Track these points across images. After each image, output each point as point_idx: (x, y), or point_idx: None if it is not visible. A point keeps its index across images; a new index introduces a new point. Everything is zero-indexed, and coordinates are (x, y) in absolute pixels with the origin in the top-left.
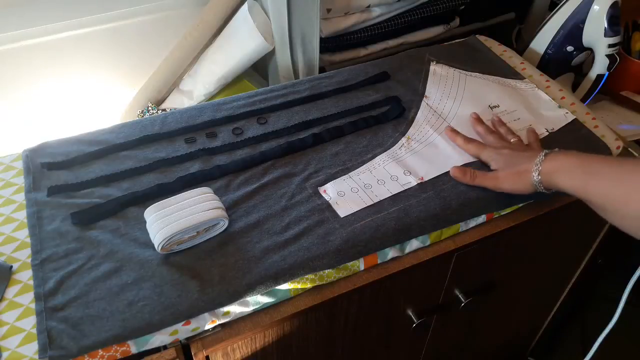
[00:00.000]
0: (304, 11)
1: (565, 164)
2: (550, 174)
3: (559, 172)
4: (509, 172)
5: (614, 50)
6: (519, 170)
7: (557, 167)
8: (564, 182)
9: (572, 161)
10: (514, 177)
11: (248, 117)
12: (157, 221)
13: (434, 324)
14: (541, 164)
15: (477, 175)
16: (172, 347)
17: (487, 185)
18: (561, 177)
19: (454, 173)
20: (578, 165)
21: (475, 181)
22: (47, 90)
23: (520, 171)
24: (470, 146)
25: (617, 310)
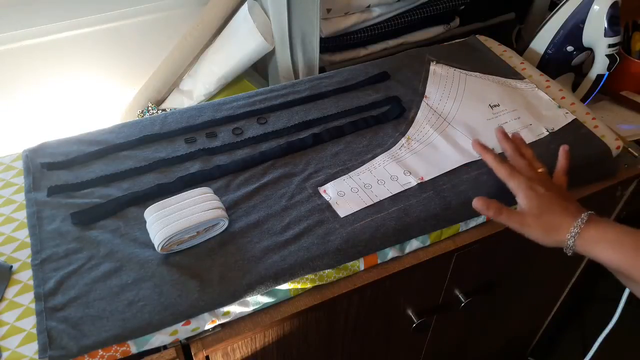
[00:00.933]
0: (304, 11)
1: (611, 235)
2: (589, 242)
3: (602, 243)
4: (540, 221)
5: (614, 50)
6: (552, 225)
7: (600, 237)
8: (605, 254)
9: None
10: (545, 228)
11: (248, 117)
12: (157, 221)
13: (434, 324)
14: (581, 229)
15: (502, 211)
16: (172, 347)
17: (511, 225)
18: (604, 249)
19: (477, 204)
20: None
21: (499, 218)
22: (47, 90)
23: (554, 226)
24: (502, 168)
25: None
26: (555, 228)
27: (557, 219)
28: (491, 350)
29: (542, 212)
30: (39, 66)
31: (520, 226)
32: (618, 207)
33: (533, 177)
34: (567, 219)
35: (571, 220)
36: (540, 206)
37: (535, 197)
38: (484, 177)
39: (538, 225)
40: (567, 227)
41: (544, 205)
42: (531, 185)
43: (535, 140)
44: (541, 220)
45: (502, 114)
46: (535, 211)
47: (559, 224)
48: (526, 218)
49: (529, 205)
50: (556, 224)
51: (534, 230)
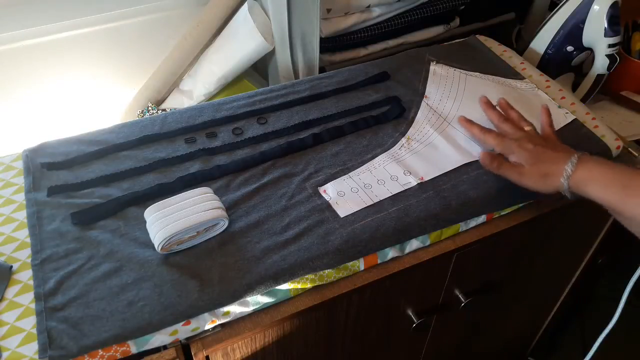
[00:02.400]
0: (304, 11)
1: (599, 174)
2: (582, 182)
3: (592, 182)
4: (535, 170)
5: (614, 50)
6: (546, 172)
7: (590, 176)
8: (596, 193)
9: (606, 171)
10: (540, 177)
11: (248, 117)
12: (157, 221)
13: (433, 324)
14: (572, 171)
15: (503, 165)
16: (172, 347)
17: (510, 177)
18: (595, 187)
19: (483, 158)
20: (614, 177)
21: (500, 170)
22: (47, 90)
23: (547, 173)
24: (488, 137)
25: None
26: (550, 174)
27: (550, 166)
28: (491, 350)
29: (535, 163)
30: (39, 66)
31: (519, 178)
32: None
33: (520, 137)
34: (559, 165)
35: (563, 165)
36: (532, 158)
37: (525, 153)
38: (484, 177)
39: (534, 175)
40: (560, 172)
41: (536, 156)
42: (520, 144)
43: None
44: (537, 171)
45: None
46: (529, 162)
47: (552, 170)
48: (523, 170)
49: (522, 160)
50: (550, 171)
51: (531, 180)
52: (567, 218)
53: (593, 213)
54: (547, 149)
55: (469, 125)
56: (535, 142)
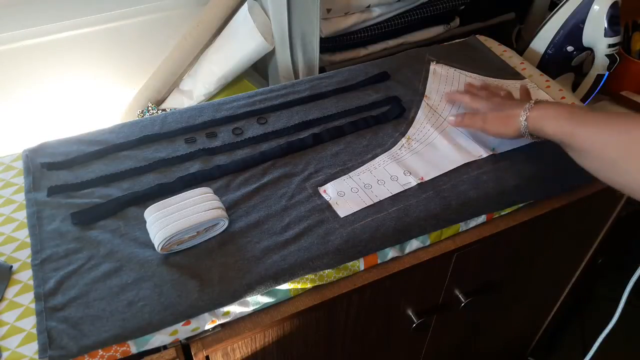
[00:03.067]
0: (304, 11)
1: (553, 111)
2: (537, 119)
3: (547, 119)
4: (497, 114)
5: (614, 50)
6: (507, 114)
7: (545, 114)
8: (550, 128)
9: (560, 109)
10: (502, 120)
11: (248, 117)
12: (157, 221)
13: (433, 324)
14: (529, 110)
15: (466, 116)
16: (172, 347)
17: (475, 125)
18: (548, 123)
19: (451, 120)
20: (567, 113)
21: (464, 121)
22: (47, 90)
23: (508, 115)
24: (466, 97)
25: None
26: (510, 118)
27: (511, 111)
28: (491, 350)
29: (497, 109)
30: (39, 66)
31: (482, 124)
32: (618, 207)
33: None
34: (519, 107)
35: (521, 108)
36: (497, 107)
37: (492, 104)
38: (484, 177)
39: (496, 119)
40: (518, 114)
41: (500, 105)
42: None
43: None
44: (498, 114)
45: None
46: (491, 110)
47: (513, 113)
48: (486, 117)
49: (488, 108)
50: (510, 115)
51: (493, 124)
52: (567, 218)
53: (593, 213)
54: (512, 100)
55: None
56: (504, 97)
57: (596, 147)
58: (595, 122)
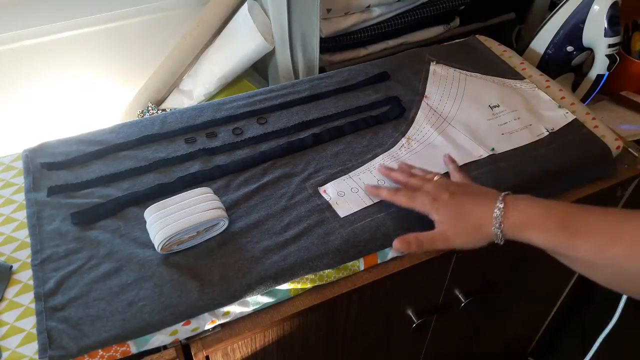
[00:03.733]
0: (304, 11)
1: (535, 217)
2: (517, 229)
3: (530, 228)
4: (459, 227)
5: (614, 50)
6: (473, 225)
7: (525, 220)
8: (538, 239)
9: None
10: (468, 233)
11: (248, 117)
12: (157, 221)
13: (433, 324)
14: (502, 217)
15: (422, 240)
16: (172, 347)
17: (438, 247)
18: (535, 234)
19: (396, 246)
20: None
21: (425, 247)
22: (47, 90)
23: (474, 226)
24: (399, 196)
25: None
26: (477, 227)
27: (476, 217)
28: (491, 350)
29: (456, 218)
30: (39, 66)
31: (447, 243)
32: (618, 207)
33: (432, 189)
34: (484, 213)
35: (489, 212)
36: (452, 212)
37: (443, 206)
38: (484, 177)
39: (462, 235)
40: (488, 220)
41: (455, 209)
42: (435, 196)
43: (536, 140)
44: (460, 226)
45: (502, 114)
46: (450, 220)
47: (480, 222)
48: (447, 234)
49: (442, 217)
50: (477, 223)
51: (459, 240)
52: None
53: None
54: (466, 195)
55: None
56: (450, 189)
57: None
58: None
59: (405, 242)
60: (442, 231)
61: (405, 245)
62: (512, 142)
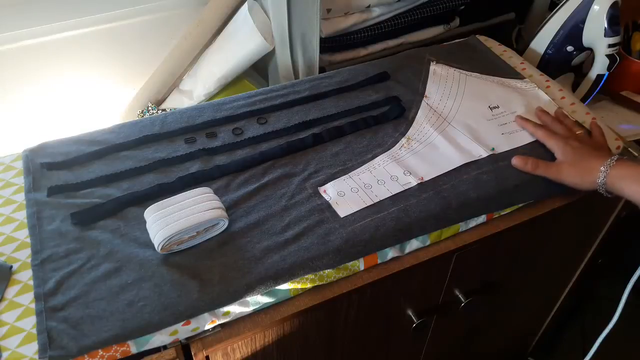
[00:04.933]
0: (304, 11)
1: (634, 172)
2: (617, 179)
3: (627, 179)
4: (575, 168)
5: (614, 50)
6: (585, 167)
7: (626, 173)
8: (630, 189)
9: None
10: (579, 172)
11: (248, 117)
12: (157, 221)
13: (433, 324)
14: (610, 168)
15: (539, 164)
16: (172, 347)
17: (549, 175)
18: (629, 184)
19: (515, 161)
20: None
21: (537, 171)
22: (47, 90)
23: (587, 168)
24: (540, 132)
25: (617, 310)
26: (588, 172)
27: (590, 163)
28: (491, 350)
29: (576, 161)
30: (39, 66)
31: (557, 174)
32: (618, 207)
33: (569, 136)
34: (597, 163)
35: (601, 163)
36: (574, 154)
37: (571, 150)
38: (484, 177)
39: (574, 172)
40: (597, 170)
41: (579, 155)
42: (567, 142)
43: (536, 140)
44: (576, 167)
45: (501, 115)
46: (571, 160)
47: (591, 168)
48: (562, 167)
49: (565, 157)
50: (589, 168)
51: (569, 175)
52: (566, 218)
53: (593, 213)
54: (592, 148)
55: (523, 123)
56: (583, 142)
57: None
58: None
59: (523, 160)
60: (560, 164)
61: (522, 162)
62: (512, 142)
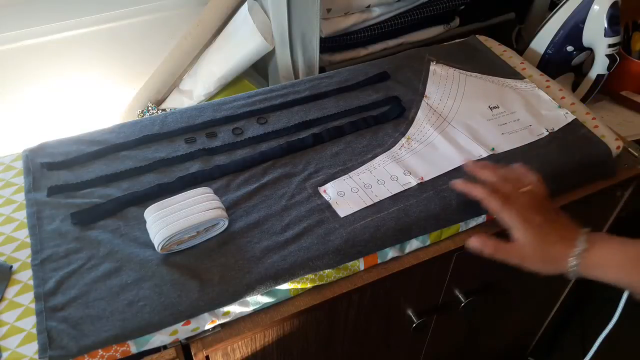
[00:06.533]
0: (304, 11)
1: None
2: (592, 268)
3: (604, 268)
4: (538, 254)
5: (614, 50)
6: (551, 256)
7: (601, 262)
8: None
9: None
10: (545, 261)
11: (248, 117)
12: (157, 221)
13: (433, 324)
14: (582, 257)
15: (498, 248)
16: (172, 347)
17: (511, 261)
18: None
19: (472, 243)
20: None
21: (497, 255)
22: (47, 90)
23: (553, 257)
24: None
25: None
26: (555, 258)
27: (556, 248)
28: (491, 350)
29: (539, 243)
30: (39, 66)
31: (521, 260)
32: (618, 207)
33: (524, 207)
34: (565, 249)
35: (569, 249)
36: (537, 238)
37: (531, 229)
38: None
39: (537, 258)
40: (566, 257)
41: (541, 236)
42: (525, 217)
43: (536, 140)
44: (540, 252)
45: (501, 115)
46: (533, 243)
47: (558, 254)
48: (525, 252)
49: (526, 238)
50: (555, 255)
51: (534, 264)
52: None
53: (593, 213)
54: (552, 224)
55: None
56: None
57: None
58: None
59: (481, 242)
60: (521, 250)
61: (480, 245)
62: (512, 142)
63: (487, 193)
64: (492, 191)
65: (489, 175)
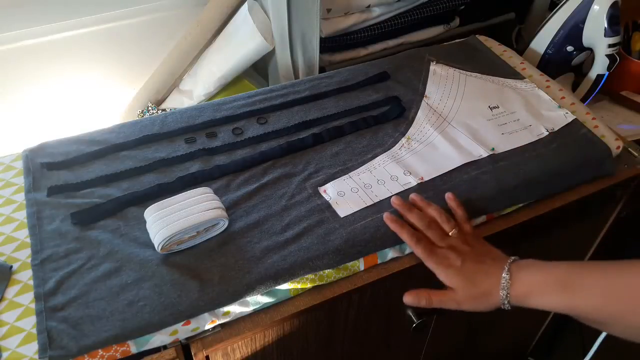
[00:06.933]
0: (304, 11)
1: (537, 284)
2: (522, 297)
3: (534, 295)
4: (469, 294)
5: (614, 50)
6: (482, 292)
7: (529, 289)
8: (541, 303)
9: (543, 278)
10: (477, 299)
11: (248, 117)
12: (157, 221)
13: (433, 324)
14: (509, 287)
15: (432, 298)
16: (172, 347)
17: (448, 307)
18: (537, 299)
19: (407, 299)
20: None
21: (433, 304)
22: (47, 90)
23: (483, 293)
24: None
25: None
26: (486, 295)
27: (484, 285)
28: (491, 350)
29: (467, 285)
30: (39, 66)
31: (456, 305)
32: (618, 207)
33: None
34: (492, 284)
35: (497, 282)
36: (464, 281)
37: (456, 274)
38: (484, 177)
39: (470, 298)
40: (496, 290)
41: (466, 277)
42: (449, 262)
43: (535, 140)
44: (470, 293)
45: (501, 115)
46: (462, 286)
47: (487, 290)
48: (457, 296)
49: (453, 284)
50: (485, 291)
51: (468, 304)
52: (566, 218)
53: (593, 213)
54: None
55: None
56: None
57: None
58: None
59: (415, 296)
60: (453, 295)
61: (415, 299)
62: (512, 142)
63: (414, 241)
64: (417, 239)
65: (415, 220)
